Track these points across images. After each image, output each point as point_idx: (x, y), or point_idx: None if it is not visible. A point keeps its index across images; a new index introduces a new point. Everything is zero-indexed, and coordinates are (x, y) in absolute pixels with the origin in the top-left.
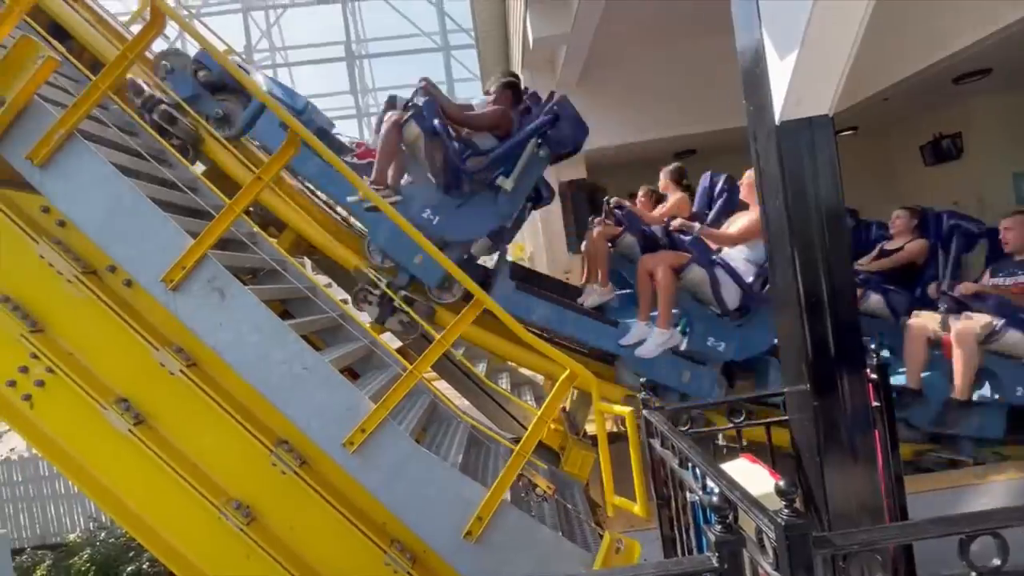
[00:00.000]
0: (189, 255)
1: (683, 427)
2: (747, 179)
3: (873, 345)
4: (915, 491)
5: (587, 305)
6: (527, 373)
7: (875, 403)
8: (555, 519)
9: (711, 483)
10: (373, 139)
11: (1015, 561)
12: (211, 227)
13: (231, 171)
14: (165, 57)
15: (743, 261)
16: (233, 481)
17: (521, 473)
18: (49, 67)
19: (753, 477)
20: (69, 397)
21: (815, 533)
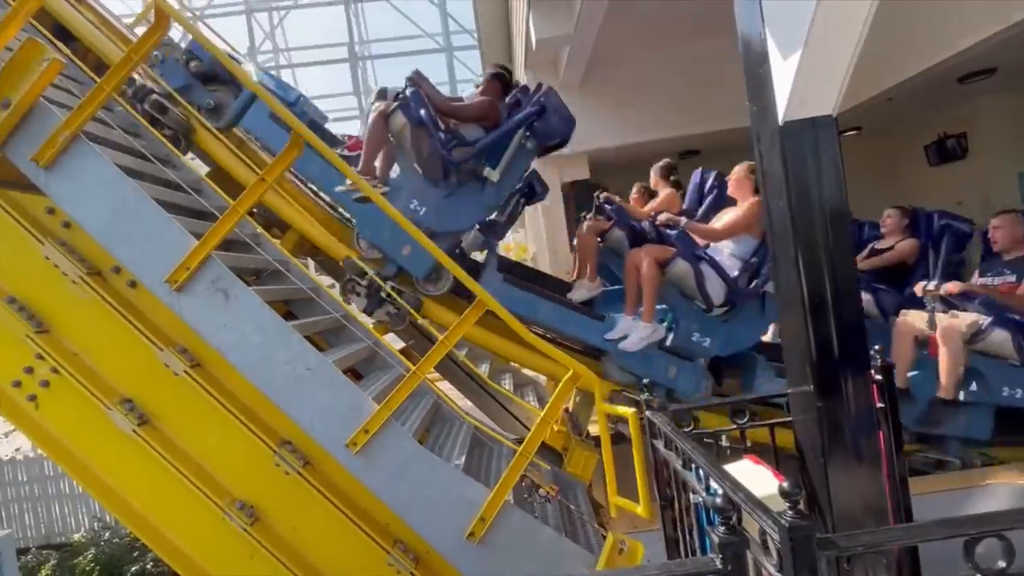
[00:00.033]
0: (193, 256)
1: (686, 428)
2: (735, 175)
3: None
4: (920, 493)
5: (575, 299)
6: (530, 374)
7: (879, 404)
8: (558, 520)
9: (715, 484)
10: (363, 131)
11: (1020, 563)
12: (215, 228)
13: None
14: (157, 48)
15: (728, 256)
16: (237, 481)
17: (524, 474)
18: (54, 69)
19: (757, 478)
20: (74, 397)
21: (819, 535)
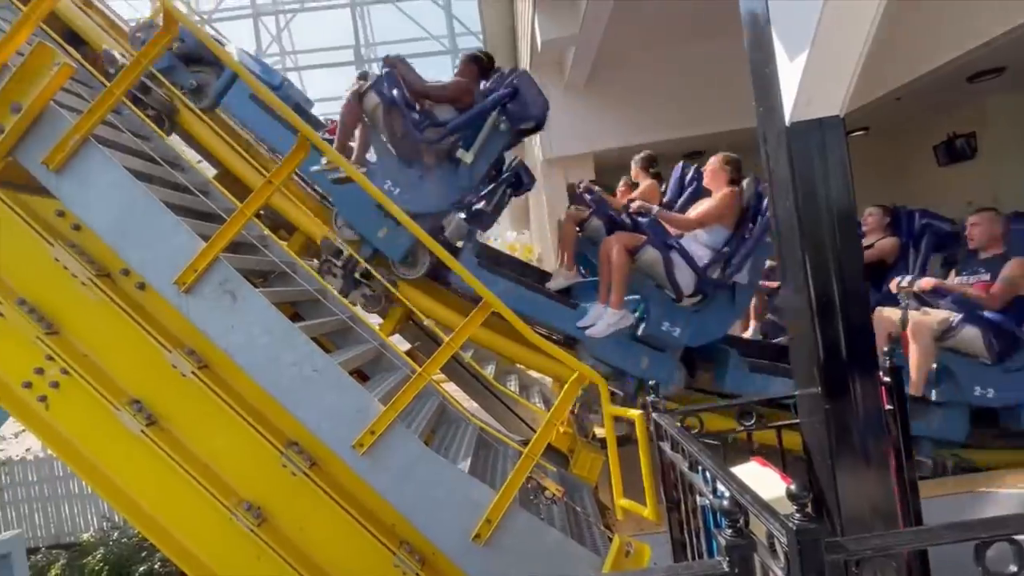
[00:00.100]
0: (201, 258)
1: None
2: (710, 165)
3: None
4: (929, 496)
5: (552, 288)
6: (535, 375)
7: (888, 406)
8: (564, 522)
9: (721, 487)
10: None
11: None
12: (223, 230)
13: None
14: (141, 30)
15: (700, 246)
16: (244, 482)
17: (530, 475)
18: (65, 74)
19: (764, 481)
20: (83, 398)
21: (827, 538)
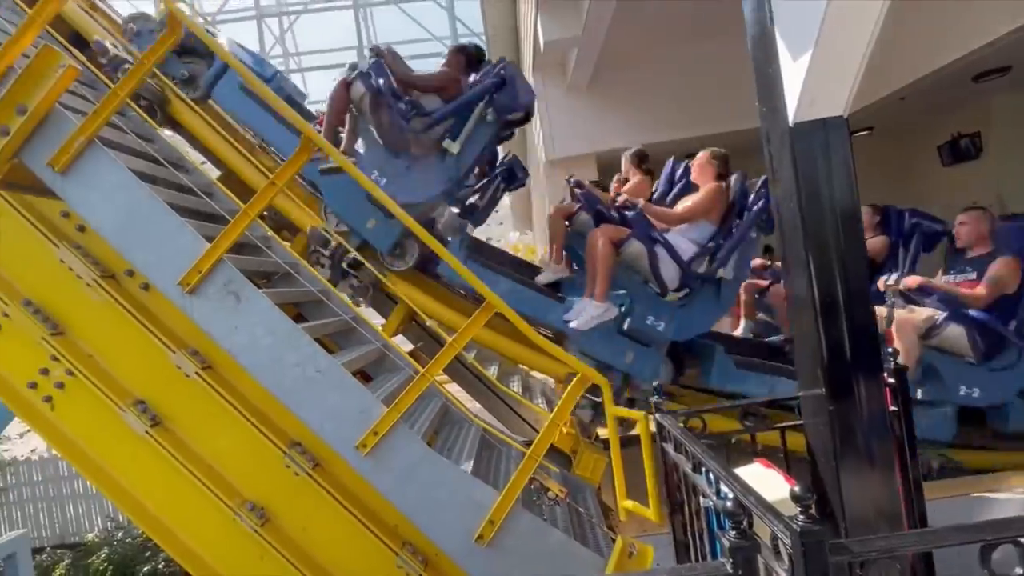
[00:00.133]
0: (205, 259)
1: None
2: (698, 160)
3: None
4: (934, 498)
5: (541, 282)
6: (538, 376)
7: (892, 408)
8: (567, 523)
9: (725, 488)
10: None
11: None
12: (226, 231)
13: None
14: (132, 20)
15: (685, 240)
16: (247, 482)
17: (533, 476)
18: (70, 76)
19: (768, 482)
20: (88, 399)
21: (831, 540)
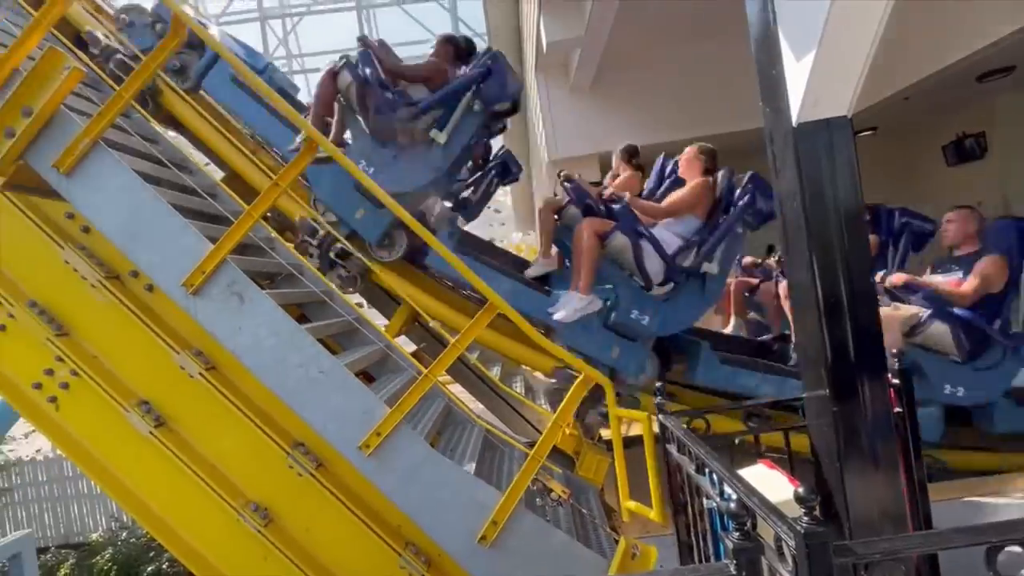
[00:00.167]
0: (209, 260)
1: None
2: (685, 154)
3: None
4: (939, 499)
5: (529, 275)
6: (541, 377)
7: (896, 408)
8: (570, 524)
9: (729, 489)
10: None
11: None
12: (230, 232)
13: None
14: (125, 11)
15: (671, 234)
16: (251, 483)
17: (536, 477)
18: (75, 78)
19: (771, 483)
20: (93, 399)
21: (836, 541)
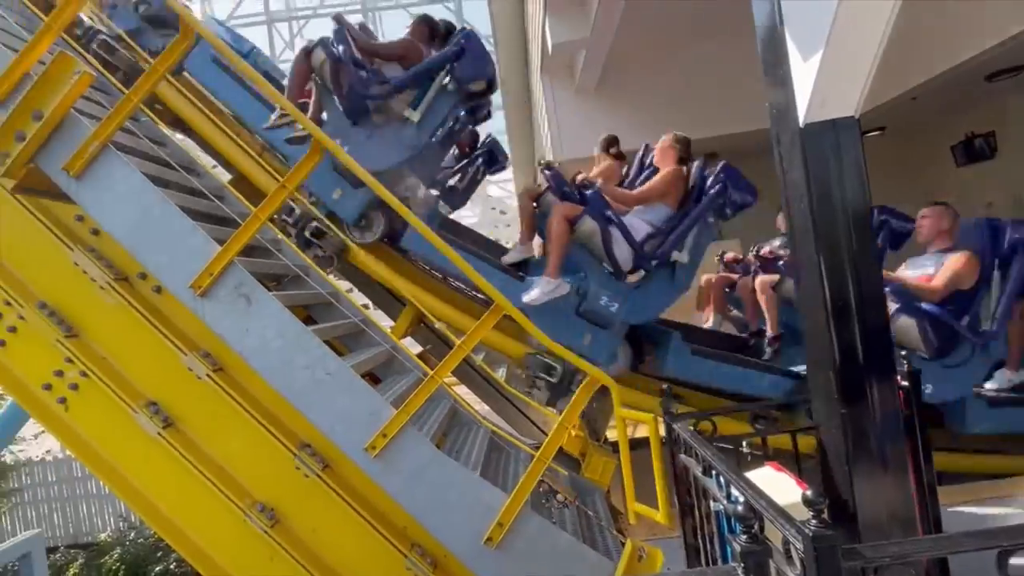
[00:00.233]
0: (216, 262)
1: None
2: (660, 143)
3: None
4: (949, 503)
5: (506, 261)
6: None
7: (905, 411)
8: (576, 526)
9: (736, 492)
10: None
11: None
12: (237, 234)
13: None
14: None
15: (640, 221)
16: (258, 484)
17: (541, 479)
18: (85, 82)
19: (779, 486)
20: (102, 400)
21: (844, 545)
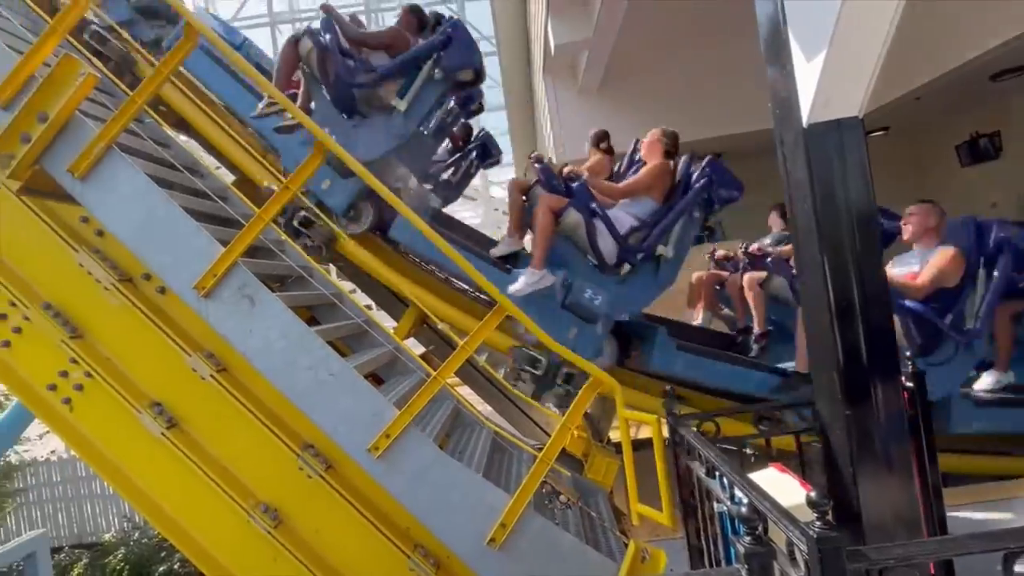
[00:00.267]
0: (220, 263)
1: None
2: (648, 137)
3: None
4: (954, 504)
5: (495, 254)
6: None
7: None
8: (579, 527)
9: (740, 493)
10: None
11: None
12: (241, 235)
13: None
14: None
15: (625, 214)
16: (261, 484)
17: (544, 480)
18: (89, 84)
19: (783, 487)
20: (106, 401)
21: (849, 546)
